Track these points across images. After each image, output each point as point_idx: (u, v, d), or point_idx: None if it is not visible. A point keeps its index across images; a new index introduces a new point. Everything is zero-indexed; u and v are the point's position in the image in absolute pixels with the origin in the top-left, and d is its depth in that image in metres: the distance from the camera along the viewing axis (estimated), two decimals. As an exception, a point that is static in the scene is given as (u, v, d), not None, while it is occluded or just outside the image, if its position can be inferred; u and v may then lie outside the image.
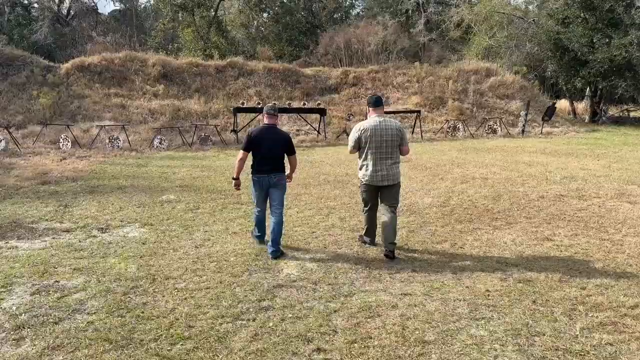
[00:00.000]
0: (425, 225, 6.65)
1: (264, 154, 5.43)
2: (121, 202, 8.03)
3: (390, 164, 5.34)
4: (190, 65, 19.68)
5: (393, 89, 20.33)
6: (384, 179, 5.35)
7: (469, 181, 9.58)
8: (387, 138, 5.24)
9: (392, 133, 5.25)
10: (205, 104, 17.83)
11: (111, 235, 6.32)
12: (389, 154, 5.30)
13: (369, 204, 5.62)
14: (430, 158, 12.62)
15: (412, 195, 8.39)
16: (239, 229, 6.48)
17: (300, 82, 20.21)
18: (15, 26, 40.03)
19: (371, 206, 5.62)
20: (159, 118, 16.59)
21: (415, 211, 7.39)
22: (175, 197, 8.31)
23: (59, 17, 41.63)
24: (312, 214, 7.25)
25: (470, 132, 17.73)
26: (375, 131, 5.21)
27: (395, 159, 5.38)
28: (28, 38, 38.20)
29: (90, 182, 9.74)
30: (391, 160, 5.34)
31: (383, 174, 5.33)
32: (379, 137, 5.21)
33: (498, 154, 13.38)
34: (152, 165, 11.66)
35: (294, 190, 8.79)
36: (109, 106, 16.73)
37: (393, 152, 5.33)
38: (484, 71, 21.51)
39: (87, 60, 18.53)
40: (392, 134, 5.25)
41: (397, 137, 5.28)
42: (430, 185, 9.21)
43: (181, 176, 10.27)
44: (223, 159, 12.77)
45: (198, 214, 7.30)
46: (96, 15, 43.51)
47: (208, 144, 14.94)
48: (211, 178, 10.02)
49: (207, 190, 8.84)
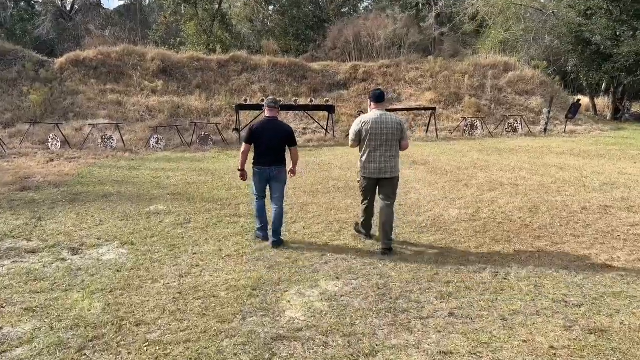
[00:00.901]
0: (455, 246, 5.59)
1: (265, 146, 5.56)
2: (103, 213, 7.03)
3: (389, 157, 5.41)
4: (191, 59, 18.66)
5: (405, 85, 19.21)
6: (382, 171, 5.43)
7: (498, 188, 8.49)
8: (387, 132, 5.31)
9: (392, 127, 5.33)
10: (206, 101, 16.81)
11: (83, 257, 5.32)
12: (389, 147, 5.38)
13: (367, 197, 5.69)
14: (450, 160, 11.53)
15: (435, 206, 7.32)
16: (234, 250, 5.44)
17: (307, 78, 19.14)
18: (18, 21, 39.34)
19: (370, 199, 5.70)
20: (157, 116, 15.60)
21: (441, 227, 6.32)
22: (164, 208, 7.30)
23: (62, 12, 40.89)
24: (321, 230, 6.21)
25: (489, 130, 16.60)
26: (376, 124, 5.29)
27: (394, 153, 5.45)
28: (31, 33, 37.47)
29: (73, 188, 8.75)
30: (390, 153, 5.40)
31: (382, 167, 5.41)
32: (379, 130, 5.30)
33: (523, 155, 12.26)
34: (145, 168, 10.66)
35: (299, 199, 7.76)
36: (105, 103, 15.75)
37: (393, 146, 5.40)
38: (502, 66, 20.32)
39: (83, 54, 17.56)
40: (393, 128, 5.33)
41: (397, 132, 5.37)
42: (454, 194, 8.13)
43: (175, 181, 9.26)
44: (223, 161, 11.74)
45: (188, 229, 6.28)
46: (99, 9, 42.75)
47: (208, 144, 13.93)
48: (208, 184, 8.99)
49: (202, 199, 7.81)
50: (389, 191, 5.54)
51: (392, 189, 5.54)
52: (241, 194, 8.10)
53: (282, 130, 5.66)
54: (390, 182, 5.52)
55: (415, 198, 7.85)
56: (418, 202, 7.58)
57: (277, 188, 5.71)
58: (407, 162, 11.22)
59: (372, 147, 5.35)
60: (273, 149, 5.58)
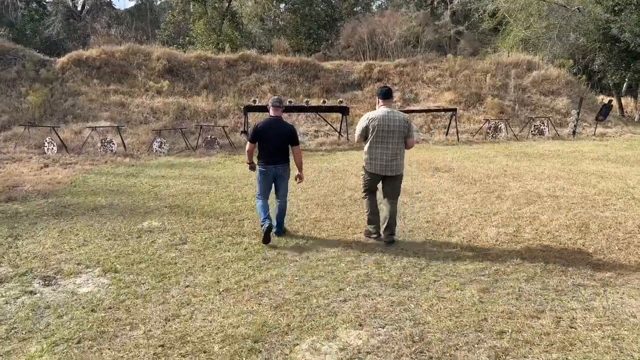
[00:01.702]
0: (501, 278, 4.63)
1: (270, 145, 5.68)
2: (89, 231, 6.18)
3: (395, 154, 5.44)
4: (198, 58, 17.83)
5: (423, 85, 18.21)
6: (387, 169, 5.47)
7: (536, 201, 7.51)
8: (394, 129, 5.36)
9: (399, 124, 5.37)
10: (213, 102, 15.97)
11: (55, 290, 4.47)
12: (395, 144, 5.41)
13: (369, 192, 5.73)
14: (476, 166, 10.55)
15: (468, 224, 6.37)
16: (234, 282, 4.55)
17: (320, 77, 18.23)
18: (28, 21, 39.07)
19: (372, 193, 5.74)
20: (161, 118, 14.79)
21: (480, 251, 5.37)
22: (159, 224, 6.43)
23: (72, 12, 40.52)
24: (338, 254, 5.29)
25: (514, 133, 15.56)
26: (383, 121, 5.34)
27: (400, 150, 5.48)
28: (41, 33, 37.11)
29: (63, 199, 7.93)
30: (396, 151, 5.44)
31: (387, 164, 5.45)
32: (385, 127, 5.34)
33: (555, 161, 11.24)
34: (144, 176, 9.82)
35: (312, 214, 6.84)
36: (107, 104, 14.97)
37: (399, 143, 5.44)
38: (525, 64, 19.23)
39: (85, 53, 16.81)
40: (399, 126, 5.38)
41: (403, 129, 5.40)
42: (488, 208, 7.17)
43: (175, 191, 8.39)
44: (229, 167, 10.87)
45: (183, 252, 5.39)
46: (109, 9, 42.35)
47: (214, 148, 13.08)
48: (210, 194, 8.11)
49: (202, 213, 6.93)
50: (392, 188, 5.62)
51: (396, 186, 5.62)
52: (246, 207, 7.22)
53: (285, 129, 5.77)
54: (393, 180, 5.58)
55: (443, 213, 6.90)
56: (447, 219, 6.63)
57: (282, 185, 5.88)
58: (429, 168, 10.27)
59: (378, 144, 5.39)
60: (277, 148, 5.71)
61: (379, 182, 5.66)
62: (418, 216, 6.76)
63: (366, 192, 5.76)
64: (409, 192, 8.13)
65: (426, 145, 14.55)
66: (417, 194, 8.05)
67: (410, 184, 8.82)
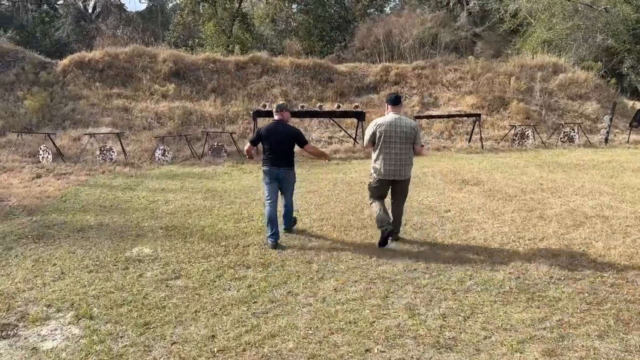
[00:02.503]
0: (568, 336, 3.67)
1: (272, 149, 5.71)
2: (70, 259, 5.33)
3: (403, 160, 5.46)
4: (206, 61, 17.01)
5: (443, 88, 17.22)
6: (396, 174, 5.48)
7: (584, 223, 6.52)
8: (402, 135, 5.38)
9: (406, 131, 5.40)
10: (221, 107, 15.14)
11: (13, 345, 3.61)
12: (403, 150, 5.43)
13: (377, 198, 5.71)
14: (507, 179, 9.56)
15: (513, 254, 5.40)
16: (233, 337, 3.65)
17: (333, 81, 17.33)
18: (38, 23, 38.82)
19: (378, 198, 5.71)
20: (166, 123, 13.98)
21: (534, 293, 4.40)
22: (150, 252, 5.55)
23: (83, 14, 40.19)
24: (360, 297, 4.36)
25: (542, 139, 14.52)
26: (390, 127, 5.38)
27: (408, 156, 5.50)
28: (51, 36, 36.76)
29: (48, 217, 7.10)
30: (404, 156, 5.46)
31: (396, 169, 5.46)
32: (393, 133, 5.38)
33: (594, 172, 10.21)
34: (142, 188, 8.97)
35: (327, 239, 5.93)
36: (109, 109, 14.20)
37: (407, 149, 5.46)
38: (551, 67, 18.16)
39: (88, 55, 16.08)
40: (407, 132, 5.40)
41: (411, 135, 5.42)
42: (531, 231, 6.19)
43: (174, 208, 7.52)
44: (236, 178, 9.99)
45: (175, 290, 4.51)
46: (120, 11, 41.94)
47: (221, 156, 12.22)
48: (213, 212, 7.23)
49: (202, 237, 6.04)
50: (401, 192, 5.71)
51: (404, 190, 5.71)
52: (252, 229, 6.32)
53: (288, 133, 5.78)
54: (402, 184, 5.63)
55: (480, 238, 5.94)
56: (487, 246, 5.67)
57: (287, 187, 5.93)
58: (456, 181, 9.31)
59: (386, 149, 5.42)
60: (280, 152, 5.74)
61: (388, 187, 5.67)
62: (451, 242, 5.81)
63: (373, 200, 5.75)
64: (436, 210, 7.19)
65: (448, 153, 13.57)
66: (447, 213, 7.10)
67: (437, 199, 7.87)
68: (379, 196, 5.72)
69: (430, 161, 12.00)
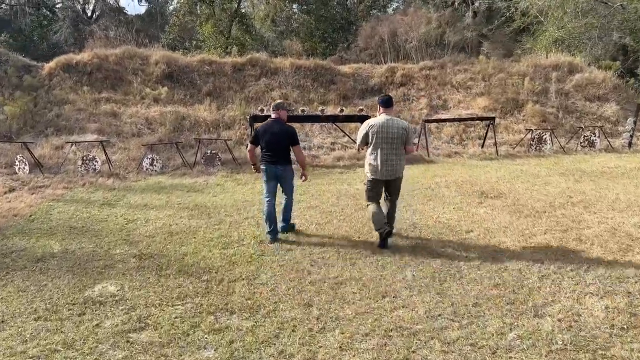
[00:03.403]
0: None
1: (270, 147, 5.83)
2: (18, 300, 4.38)
3: (394, 159, 5.55)
4: (201, 63, 16.07)
5: (452, 90, 16.23)
6: (389, 173, 5.58)
7: (632, 247, 5.52)
8: (393, 136, 5.46)
9: (398, 131, 5.48)
10: (217, 111, 14.19)
11: None
12: (394, 150, 5.51)
13: (372, 199, 5.71)
14: (530, 190, 8.56)
15: (557, 291, 4.40)
16: None
17: (336, 82, 16.36)
18: (36, 27, 38.04)
19: (374, 201, 5.71)
20: (157, 129, 13.03)
21: (596, 350, 3.40)
22: (116, 290, 4.59)
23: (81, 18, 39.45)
24: (374, 356, 3.37)
25: (560, 144, 13.50)
26: (382, 128, 5.46)
27: (400, 156, 5.59)
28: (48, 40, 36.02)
29: (9, 241, 6.15)
30: (396, 156, 5.55)
31: (388, 169, 5.55)
32: (385, 133, 5.46)
33: (625, 182, 9.19)
34: (123, 204, 8.01)
35: (331, 269, 4.94)
36: (97, 114, 13.27)
37: (398, 149, 5.54)
38: (566, 66, 17.16)
39: (76, 57, 15.16)
40: (398, 133, 5.48)
41: (402, 136, 5.50)
42: (573, 259, 5.19)
43: (153, 229, 6.55)
44: (229, 191, 9.02)
45: (136, 348, 3.54)
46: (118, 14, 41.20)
47: (215, 165, 11.26)
48: (198, 235, 6.25)
49: (181, 269, 5.07)
50: (393, 191, 5.80)
51: (397, 187, 5.80)
52: (242, 258, 5.35)
53: (285, 131, 5.88)
54: (394, 183, 5.74)
55: (514, 269, 4.94)
56: (523, 280, 4.68)
57: (286, 184, 6.02)
58: (474, 193, 8.31)
59: (378, 150, 5.50)
60: (277, 149, 5.84)
61: (382, 187, 5.74)
62: (480, 275, 4.82)
63: (370, 202, 5.74)
64: (456, 231, 6.20)
65: (460, 159, 12.58)
66: (469, 234, 6.10)
67: (455, 217, 6.89)
68: (374, 198, 5.74)
69: (442, 169, 11.02)
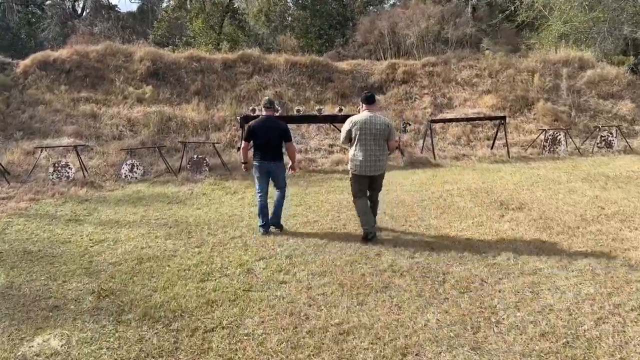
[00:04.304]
0: None
1: (263, 143, 5.97)
2: None
3: (377, 155, 5.66)
4: (189, 59, 15.02)
5: (457, 87, 15.25)
6: (372, 170, 5.67)
7: (700, 276, 4.56)
8: (376, 132, 5.60)
9: (380, 127, 5.62)
10: (206, 111, 13.18)
11: None
12: (377, 146, 5.64)
13: (359, 193, 5.84)
14: (555, 199, 7.59)
15: (619, 343, 3.43)
16: None
17: (334, 80, 15.36)
18: (24, 24, 36.92)
19: (362, 195, 5.85)
20: (140, 131, 12.00)
21: None
22: (60, 344, 3.58)
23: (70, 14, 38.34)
24: None
25: (576, 145, 12.55)
26: (365, 124, 5.60)
27: (382, 152, 5.71)
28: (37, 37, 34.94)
29: (-55, 270, 5.12)
30: (379, 152, 5.66)
31: (371, 165, 5.65)
32: (367, 130, 5.59)
33: (659, 189, 8.25)
34: (93, 220, 6.99)
35: (331, 314, 3.93)
36: (75, 116, 12.23)
37: (381, 145, 5.67)
38: (577, 62, 16.21)
39: (54, 54, 14.11)
40: (381, 129, 5.62)
41: (384, 132, 5.64)
42: (629, 295, 4.23)
43: (122, 253, 5.53)
44: (216, 202, 8.00)
45: None
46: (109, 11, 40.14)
47: (202, 171, 10.26)
48: (174, 262, 5.24)
49: (146, 313, 4.04)
50: (376, 186, 5.94)
51: (379, 183, 5.93)
52: (223, 294, 4.34)
53: (278, 127, 6.02)
54: (377, 179, 5.85)
55: (562, 309, 3.96)
56: (574, 328, 3.70)
57: (278, 179, 6.14)
58: (492, 204, 7.34)
59: (361, 146, 5.62)
60: (270, 145, 5.98)
61: (366, 183, 5.82)
62: (521, 320, 3.82)
63: (356, 196, 5.86)
64: (481, 254, 5.20)
65: (469, 162, 11.62)
66: (496, 258, 5.12)
67: (476, 234, 5.91)
68: (360, 191, 5.84)
69: (451, 174, 10.05)
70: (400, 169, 10.83)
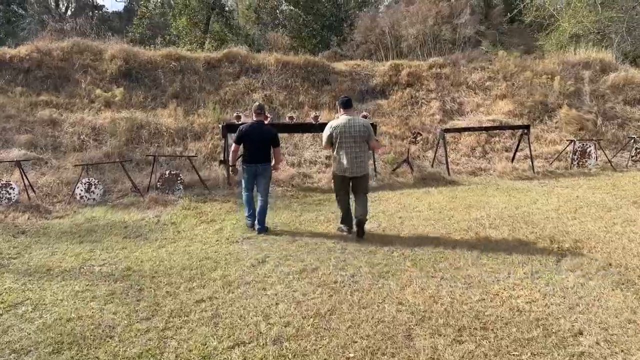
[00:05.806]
0: None
1: (253, 147, 6.19)
2: None
3: (358, 157, 5.83)
4: (167, 58, 13.29)
5: (468, 91, 13.67)
6: (353, 170, 5.84)
7: None
8: (356, 134, 5.79)
9: (360, 130, 5.81)
10: (184, 117, 11.47)
11: None
12: (358, 148, 5.82)
13: (341, 191, 6.06)
14: (612, 234, 5.99)
15: None
16: None
17: (331, 83, 13.72)
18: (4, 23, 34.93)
19: (343, 193, 6.05)
20: (106, 141, 10.27)
21: None
22: None
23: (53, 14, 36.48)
24: None
25: (608, 158, 11.00)
26: (345, 128, 5.78)
27: (363, 153, 5.89)
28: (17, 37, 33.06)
29: None
30: (359, 153, 5.84)
31: (352, 167, 5.82)
32: (348, 133, 5.78)
33: None
34: (17, 267, 5.26)
35: None
36: (31, 122, 10.48)
37: (361, 147, 5.86)
38: (598, 64, 14.69)
39: (11, 52, 12.33)
40: (360, 131, 5.82)
41: (364, 134, 5.83)
42: None
43: (37, 330, 3.81)
44: (186, 235, 6.31)
45: None
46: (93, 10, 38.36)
47: (176, 189, 8.56)
48: (106, 349, 3.54)
49: None
50: (360, 187, 6.01)
51: (363, 184, 6.01)
52: None
53: (267, 133, 6.25)
54: (360, 180, 5.97)
55: None
56: None
57: (262, 182, 6.31)
58: (540, 241, 5.71)
59: (342, 149, 5.80)
60: (260, 150, 6.20)
61: (348, 183, 5.98)
62: None
63: (337, 195, 6.11)
64: (553, 331, 3.56)
65: (489, 178, 10.03)
66: (577, 338, 3.49)
67: (536, 295, 4.25)
68: (342, 189, 6.03)
69: (473, 195, 8.43)
70: (410, 187, 9.21)
